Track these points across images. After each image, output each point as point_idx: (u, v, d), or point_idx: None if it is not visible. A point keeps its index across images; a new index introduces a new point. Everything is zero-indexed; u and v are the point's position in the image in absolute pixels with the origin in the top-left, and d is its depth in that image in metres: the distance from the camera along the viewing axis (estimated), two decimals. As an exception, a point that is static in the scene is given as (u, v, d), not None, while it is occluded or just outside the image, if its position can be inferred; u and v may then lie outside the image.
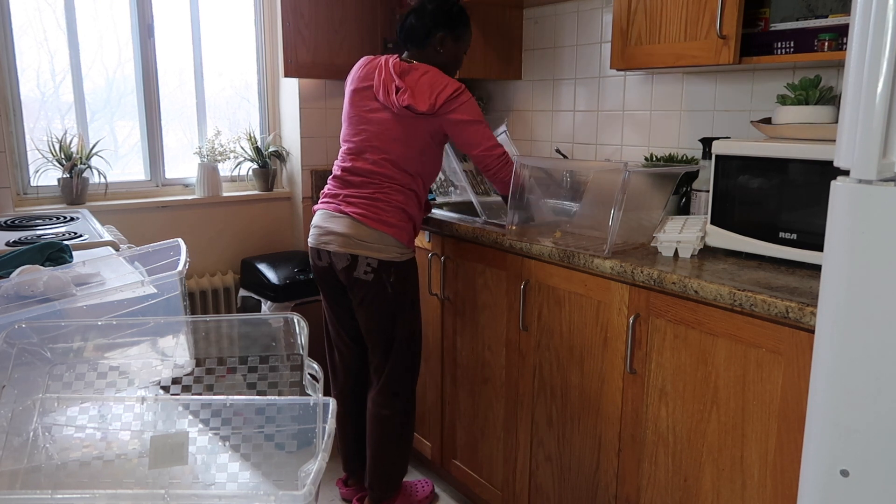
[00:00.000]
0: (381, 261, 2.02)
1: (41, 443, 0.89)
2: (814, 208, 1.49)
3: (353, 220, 2.01)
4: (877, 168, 0.95)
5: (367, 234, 2.00)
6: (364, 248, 2.01)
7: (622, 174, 1.69)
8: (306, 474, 0.68)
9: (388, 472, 2.20)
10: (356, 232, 2.01)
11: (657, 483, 1.66)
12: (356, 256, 2.02)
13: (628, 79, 2.42)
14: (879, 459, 1.00)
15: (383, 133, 2.02)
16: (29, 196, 2.61)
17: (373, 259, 2.01)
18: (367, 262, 2.01)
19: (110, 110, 2.76)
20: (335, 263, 2.06)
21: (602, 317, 1.74)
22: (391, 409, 2.15)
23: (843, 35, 1.59)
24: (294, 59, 2.77)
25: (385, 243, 2.01)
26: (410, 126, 2.00)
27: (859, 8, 0.95)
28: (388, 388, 2.15)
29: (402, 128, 2.00)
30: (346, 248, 2.02)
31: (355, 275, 2.03)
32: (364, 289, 2.05)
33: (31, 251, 1.44)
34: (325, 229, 2.07)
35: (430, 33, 2.05)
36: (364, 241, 2.00)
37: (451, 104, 1.96)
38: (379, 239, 2.00)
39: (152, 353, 1.00)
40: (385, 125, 2.02)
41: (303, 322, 0.96)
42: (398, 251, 2.04)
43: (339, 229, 2.03)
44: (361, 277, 2.03)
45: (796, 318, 1.29)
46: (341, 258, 2.03)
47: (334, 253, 2.04)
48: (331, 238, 2.05)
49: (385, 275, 2.03)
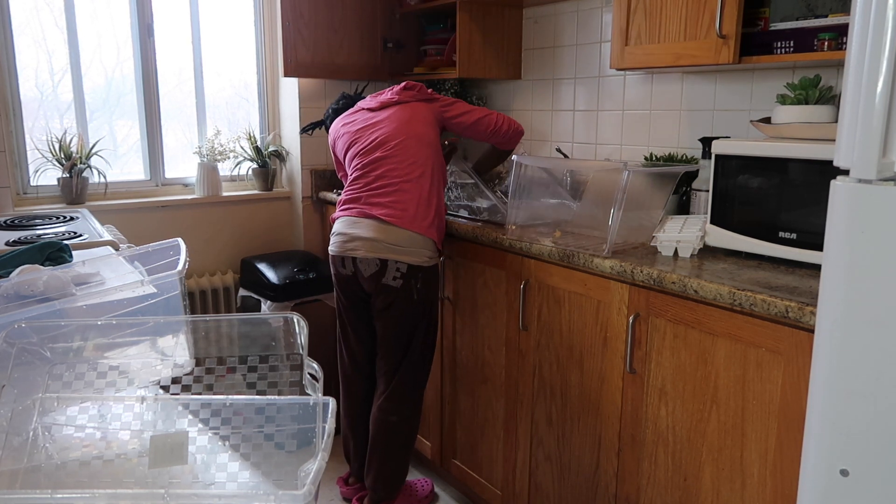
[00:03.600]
0: (411, 265, 1.96)
1: (41, 442, 0.89)
2: (813, 208, 1.49)
3: (381, 222, 1.94)
4: (876, 167, 0.95)
5: (397, 236, 1.93)
6: (394, 252, 1.94)
7: (622, 174, 1.69)
8: (306, 474, 0.68)
9: (392, 476, 2.19)
10: (385, 235, 1.93)
11: (657, 482, 1.66)
12: (386, 261, 1.94)
13: (628, 78, 2.41)
14: (879, 459, 1.00)
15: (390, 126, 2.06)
16: (29, 196, 2.61)
17: (402, 264, 1.95)
18: (396, 266, 1.94)
19: (109, 109, 2.76)
20: (361, 270, 1.97)
21: (602, 316, 1.74)
22: (398, 416, 2.13)
23: (842, 35, 1.59)
24: (294, 58, 2.77)
25: (417, 245, 1.96)
26: (411, 117, 2.05)
27: (859, 8, 0.95)
28: (398, 395, 2.12)
29: (403, 122, 2.05)
30: (374, 252, 1.94)
31: (384, 281, 1.96)
32: (391, 295, 1.98)
33: (30, 251, 1.44)
34: (349, 235, 1.99)
35: None
36: (394, 244, 1.93)
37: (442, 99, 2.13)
38: (410, 241, 1.94)
39: (152, 352, 1.00)
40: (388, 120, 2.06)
41: (302, 322, 0.96)
42: (428, 255, 2.00)
43: (366, 234, 1.95)
44: (390, 284, 1.95)
45: (796, 317, 1.29)
46: (369, 264, 1.95)
47: (361, 259, 1.96)
48: (357, 244, 1.96)
49: (413, 280, 1.97)
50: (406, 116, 2.05)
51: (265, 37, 3.04)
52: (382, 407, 2.15)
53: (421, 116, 2.06)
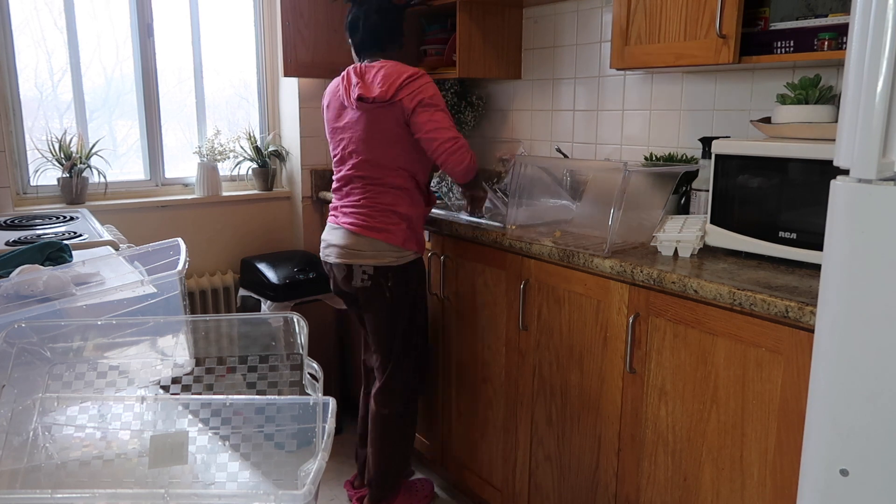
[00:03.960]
0: (377, 267, 2.04)
1: (41, 442, 0.89)
2: (813, 207, 1.48)
3: (346, 231, 2.05)
4: (876, 167, 0.95)
5: (359, 243, 2.04)
6: (358, 257, 2.05)
7: (622, 173, 1.69)
8: (306, 474, 0.68)
9: (386, 471, 2.21)
10: (350, 242, 2.05)
11: (657, 482, 1.66)
12: (350, 266, 2.06)
13: (628, 78, 2.41)
14: (879, 459, 1.00)
15: (354, 135, 2.05)
16: (28, 196, 2.61)
17: (368, 266, 2.04)
18: (361, 269, 2.05)
19: (109, 109, 2.76)
20: (336, 274, 2.12)
21: (602, 316, 1.74)
22: (389, 408, 2.17)
23: (842, 34, 1.59)
24: (294, 58, 2.77)
25: (378, 249, 2.03)
26: (374, 120, 2.00)
27: (859, 7, 0.95)
28: (388, 387, 2.17)
29: (368, 123, 2.01)
30: (342, 258, 2.07)
31: (353, 283, 2.08)
32: (365, 294, 2.09)
33: (30, 251, 1.44)
34: (326, 242, 2.14)
35: (379, 40, 2.10)
36: (358, 250, 2.04)
37: (405, 89, 1.93)
38: (371, 246, 2.03)
39: (152, 352, 1.00)
40: (354, 128, 2.04)
41: (302, 321, 0.96)
42: (394, 255, 2.05)
43: (336, 241, 2.08)
44: (359, 285, 2.07)
45: (796, 317, 1.29)
46: (340, 269, 2.09)
47: (334, 264, 2.10)
48: (331, 250, 2.11)
49: (383, 280, 2.06)
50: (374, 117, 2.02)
51: (265, 37, 3.04)
52: (376, 399, 2.20)
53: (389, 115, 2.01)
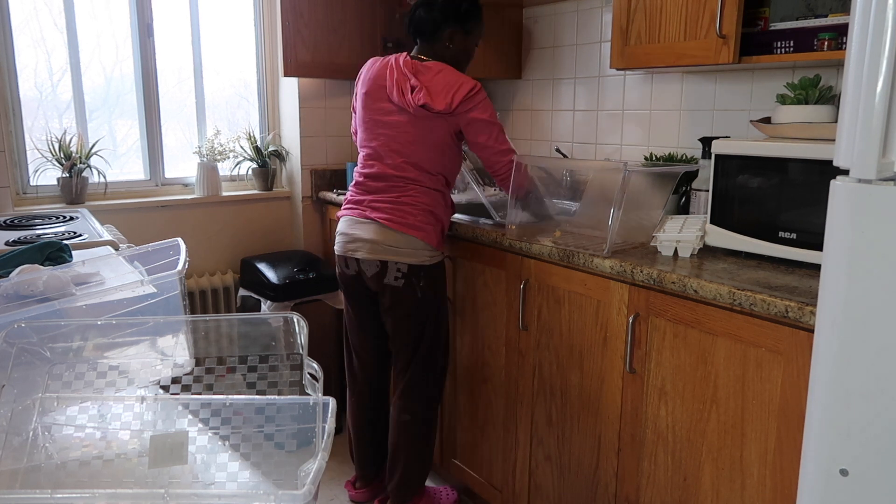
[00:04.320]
0: (412, 265, 1.98)
1: (41, 442, 0.89)
2: (813, 208, 1.49)
3: (381, 226, 1.97)
4: (876, 167, 0.95)
5: (395, 238, 1.96)
6: (393, 254, 1.97)
7: (622, 173, 1.69)
8: (306, 474, 0.68)
9: (407, 477, 2.17)
10: (384, 237, 1.96)
11: (657, 482, 1.66)
12: (386, 262, 1.98)
13: (628, 78, 2.41)
14: (879, 459, 1.00)
15: (401, 136, 1.98)
16: (28, 195, 2.61)
17: (403, 264, 1.97)
18: (397, 267, 1.97)
19: (109, 109, 2.76)
20: (364, 271, 2.02)
21: (602, 316, 1.74)
22: (411, 414, 2.12)
23: (842, 34, 1.59)
24: (294, 58, 2.77)
25: (414, 247, 1.97)
26: (427, 126, 1.96)
27: (859, 7, 0.95)
28: (410, 393, 2.12)
29: (420, 129, 1.96)
30: (374, 254, 1.98)
31: (386, 281, 1.99)
32: (395, 294, 2.01)
33: (30, 251, 1.44)
34: (351, 236, 2.03)
35: (439, 27, 1.99)
36: (393, 246, 1.96)
37: (467, 103, 1.92)
38: (408, 243, 1.96)
39: (152, 352, 1.00)
40: (402, 128, 1.97)
41: (302, 321, 0.96)
42: (428, 254, 2.00)
43: (367, 235, 1.99)
44: (392, 283, 1.99)
45: (796, 317, 1.29)
46: (370, 265, 2.00)
47: (363, 260, 2.00)
48: (358, 245, 2.01)
49: (415, 279, 1.99)
50: (429, 125, 1.97)
51: (265, 37, 3.04)
52: (396, 405, 2.15)
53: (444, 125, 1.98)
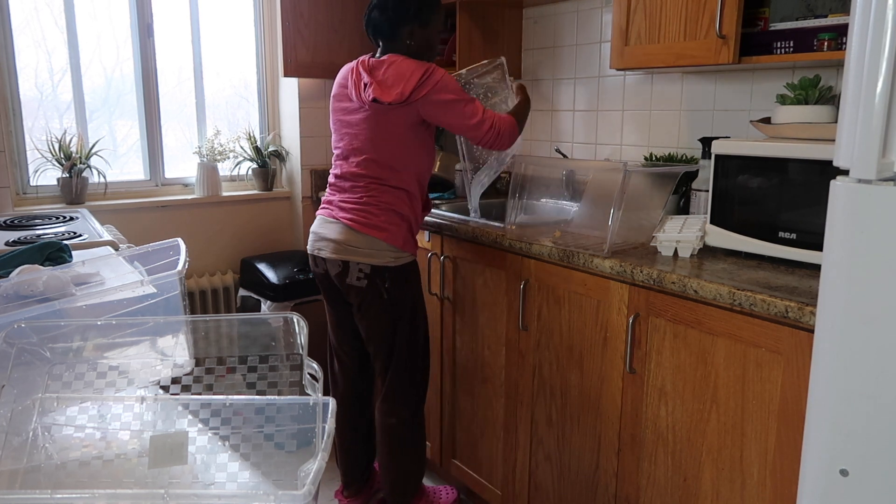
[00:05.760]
0: (374, 266, 1.98)
1: (41, 442, 0.89)
2: (813, 208, 1.49)
3: (345, 226, 1.99)
4: (876, 167, 0.95)
5: (357, 239, 1.97)
6: (355, 254, 1.98)
7: (622, 174, 1.69)
8: (306, 474, 0.67)
9: (400, 481, 2.16)
10: (347, 238, 1.98)
11: (657, 482, 1.66)
12: (347, 262, 1.99)
13: (628, 78, 2.41)
14: (879, 459, 1.00)
15: (361, 134, 1.99)
16: (28, 196, 2.61)
17: (364, 264, 1.98)
18: (358, 267, 1.98)
19: (109, 109, 2.76)
20: (329, 269, 2.04)
21: (601, 316, 1.74)
22: (396, 418, 2.11)
23: (842, 35, 1.59)
24: (294, 58, 2.77)
25: (376, 248, 1.97)
26: (384, 121, 1.95)
27: (859, 8, 0.95)
28: (393, 397, 2.11)
29: (377, 125, 1.96)
30: (337, 254, 2.00)
31: (348, 281, 2.01)
32: (360, 295, 2.02)
33: (30, 251, 1.44)
34: (319, 235, 2.06)
35: (396, 28, 1.99)
36: (355, 246, 1.98)
37: (421, 89, 1.88)
38: (369, 244, 1.97)
39: (152, 352, 1.00)
40: (361, 125, 1.99)
41: (302, 322, 0.96)
42: (392, 255, 1.99)
43: (332, 235, 2.01)
44: (354, 284, 2.00)
45: (796, 317, 1.29)
46: (333, 264, 2.02)
47: (327, 259, 2.03)
48: (323, 244, 2.03)
49: (379, 280, 1.99)
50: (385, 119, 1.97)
51: (265, 37, 3.04)
52: (380, 409, 2.14)
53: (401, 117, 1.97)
